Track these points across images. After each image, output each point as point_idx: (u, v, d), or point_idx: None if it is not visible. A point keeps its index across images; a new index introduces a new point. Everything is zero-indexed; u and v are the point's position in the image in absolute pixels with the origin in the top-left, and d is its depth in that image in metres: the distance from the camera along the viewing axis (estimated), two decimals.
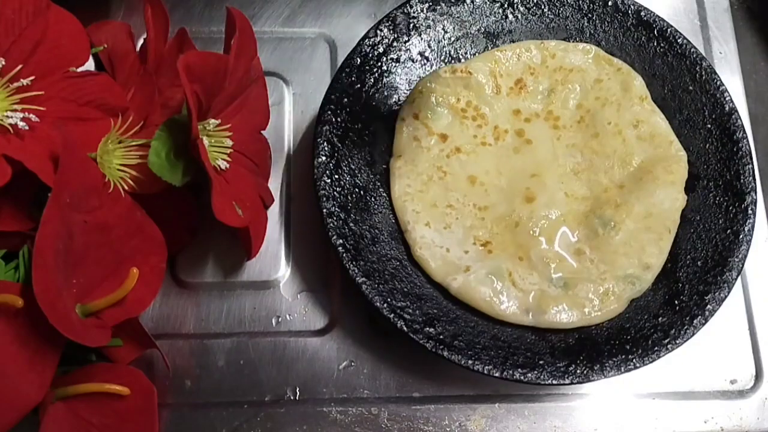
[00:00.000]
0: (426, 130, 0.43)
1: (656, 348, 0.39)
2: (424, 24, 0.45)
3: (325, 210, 0.40)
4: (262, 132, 0.44)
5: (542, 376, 0.38)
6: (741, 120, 0.43)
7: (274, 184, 0.45)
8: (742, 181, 0.42)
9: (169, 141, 0.35)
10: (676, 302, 0.41)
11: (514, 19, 0.46)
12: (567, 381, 0.38)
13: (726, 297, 0.40)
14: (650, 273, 0.41)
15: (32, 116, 0.32)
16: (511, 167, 0.44)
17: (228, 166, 0.38)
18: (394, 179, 0.43)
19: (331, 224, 0.40)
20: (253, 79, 0.42)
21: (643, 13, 0.46)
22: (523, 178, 0.43)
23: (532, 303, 0.40)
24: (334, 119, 0.42)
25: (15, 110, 0.32)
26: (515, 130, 0.44)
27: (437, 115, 0.43)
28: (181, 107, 0.39)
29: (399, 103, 0.45)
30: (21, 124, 0.32)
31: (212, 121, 0.38)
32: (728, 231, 0.42)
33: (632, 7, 0.46)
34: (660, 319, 0.40)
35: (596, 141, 0.44)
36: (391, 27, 0.44)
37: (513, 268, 0.41)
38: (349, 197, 0.41)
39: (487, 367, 0.38)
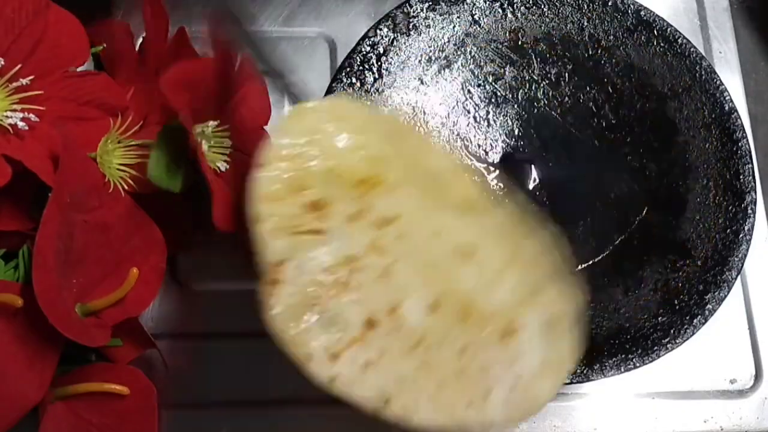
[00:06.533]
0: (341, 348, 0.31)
1: (656, 348, 0.39)
2: (423, 24, 0.45)
3: None
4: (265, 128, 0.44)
5: None
6: (741, 120, 0.43)
7: None
8: (741, 180, 0.42)
9: (168, 150, 0.35)
10: (676, 302, 0.41)
11: (513, 18, 0.46)
12: (567, 381, 0.38)
13: (726, 296, 0.40)
14: None
15: (32, 116, 0.32)
16: (413, 257, 0.31)
17: (227, 167, 0.38)
18: None
19: None
20: (246, 75, 0.41)
21: (642, 13, 0.46)
22: (435, 246, 0.31)
23: None
24: None
25: (15, 110, 0.32)
26: (371, 241, 0.30)
27: (321, 327, 0.31)
28: None
29: (399, 103, 0.44)
30: (21, 124, 0.32)
31: (211, 123, 0.38)
32: (728, 230, 0.42)
33: (632, 6, 0.46)
34: (660, 318, 0.40)
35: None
36: (390, 26, 0.44)
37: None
38: None
39: None
